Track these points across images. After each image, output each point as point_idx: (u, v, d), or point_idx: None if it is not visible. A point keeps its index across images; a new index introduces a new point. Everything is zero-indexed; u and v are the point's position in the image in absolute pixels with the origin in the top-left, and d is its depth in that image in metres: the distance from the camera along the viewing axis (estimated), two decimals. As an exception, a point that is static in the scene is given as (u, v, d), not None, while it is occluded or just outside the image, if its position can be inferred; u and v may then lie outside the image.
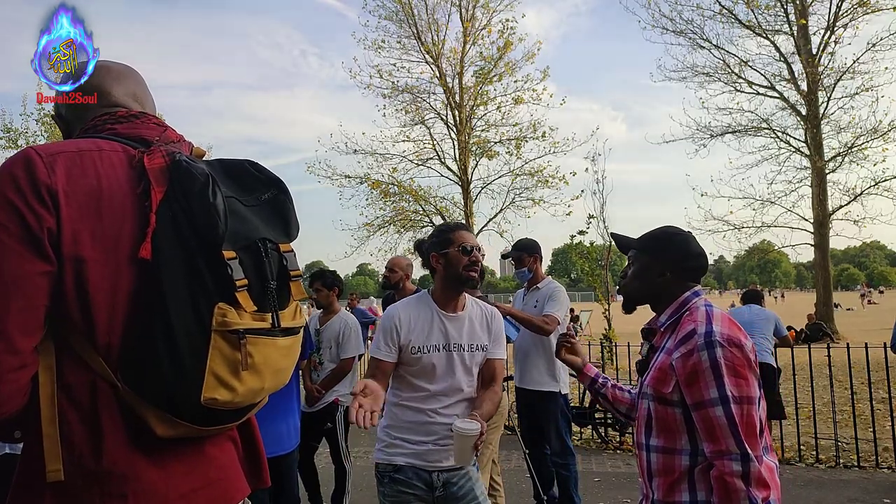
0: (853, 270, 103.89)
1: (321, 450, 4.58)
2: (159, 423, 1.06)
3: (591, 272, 12.37)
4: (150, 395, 1.05)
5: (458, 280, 2.30)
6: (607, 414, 6.63)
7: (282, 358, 1.19)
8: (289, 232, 1.24)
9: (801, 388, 6.39)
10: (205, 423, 1.12)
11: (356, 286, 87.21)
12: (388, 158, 18.99)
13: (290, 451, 3.46)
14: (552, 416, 4.20)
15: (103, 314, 1.04)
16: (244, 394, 1.12)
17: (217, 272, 1.08)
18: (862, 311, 32.47)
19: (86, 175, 1.05)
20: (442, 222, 2.84)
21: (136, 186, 1.09)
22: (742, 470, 1.55)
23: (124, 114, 1.21)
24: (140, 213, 1.08)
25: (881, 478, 5.14)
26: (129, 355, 1.05)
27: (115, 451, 1.05)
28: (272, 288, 1.16)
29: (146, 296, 1.05)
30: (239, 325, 1.08)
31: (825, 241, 18.49)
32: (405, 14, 18.91)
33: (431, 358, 2.26)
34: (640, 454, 1.81)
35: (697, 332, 1.67)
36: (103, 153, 1.10)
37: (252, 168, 1.22)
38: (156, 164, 1.10)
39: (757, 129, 19.55)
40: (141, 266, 1.06)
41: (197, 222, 1.08)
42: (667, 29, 19.39)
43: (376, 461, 2.36)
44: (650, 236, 1.91)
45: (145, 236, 1.05)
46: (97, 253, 1.03)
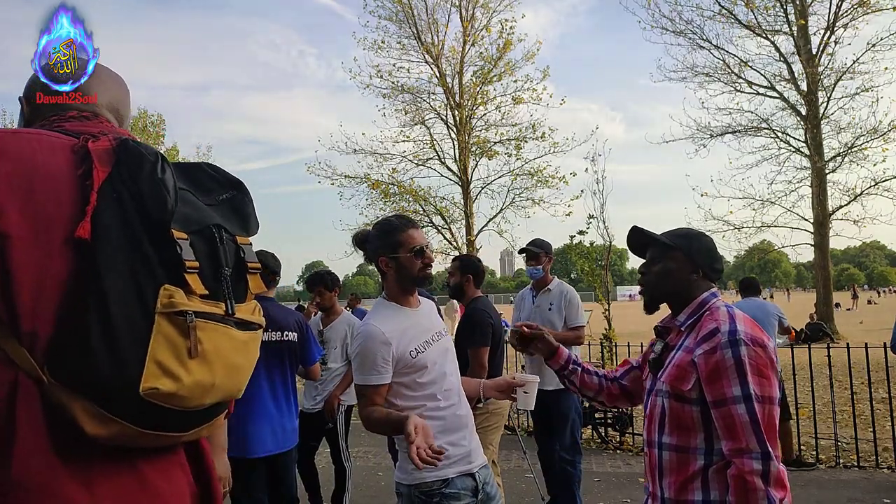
0: (853, 270, 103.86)
1: (321, 450, 4.58)
2: (88, 419, 0.95)
3: (591, 272, 12.38)
4: (82, 385, 0.95)
5: (414, 282, 2.26)
6: (607, 414, 6.63)
7: (236, 352, 1.09)
8: (247, 228, 1.20)
9: (801, 388, 6.39)
10: (143, 422, 0.99)
11: (356, 286, 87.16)
12: (388, 158, 18.99)
13: (289, 449, 3.46)
14: (567, 413, 4.27)
15: (27, 297, 0.95)
16: (190, 386, 1.00)
17: (165, 253, 1.02)
18: (855, 311, 32.54)
19: (18, 150, 1.00)
20: (384, 218, 2.74)
21: (77, 169, 1.03)
22: (763, 469, 1.54)
23: (75, 114, 1.19)
24: (81, 195, 1.01)
25: (881, 478, 5.14)
26: (59, 343, 0.96)
27: (30, 459, 0.93)
28: (226, 274, 1.10)
29: (82, 279, 0.97)
30: (187, 307, 1.00)
31: (825, 241, 18.48)
32: (405, 14, 18.90)
33: (428, 354, 2.22)
34: (651, 451, 1.80)
35: (721, 330, 1.66)
36: (42, 136, 1.06)
37: (209, 170, 1.20)
38: (101, 146, 1.05)
39: (757, 129, 19.54)
40: (78, 248, 0.98)
41: (145, 201, 1.02)
42: (666, 29, 19.39)
43: (417, 482, 2.10)
44: (680, 234, 1.88)
45: (84, 216, 0.98)
46: (24, 231, 0.96)
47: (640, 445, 6.34)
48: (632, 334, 8.03)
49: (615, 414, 6.62)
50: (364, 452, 6.23)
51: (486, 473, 2.26)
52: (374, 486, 5.29)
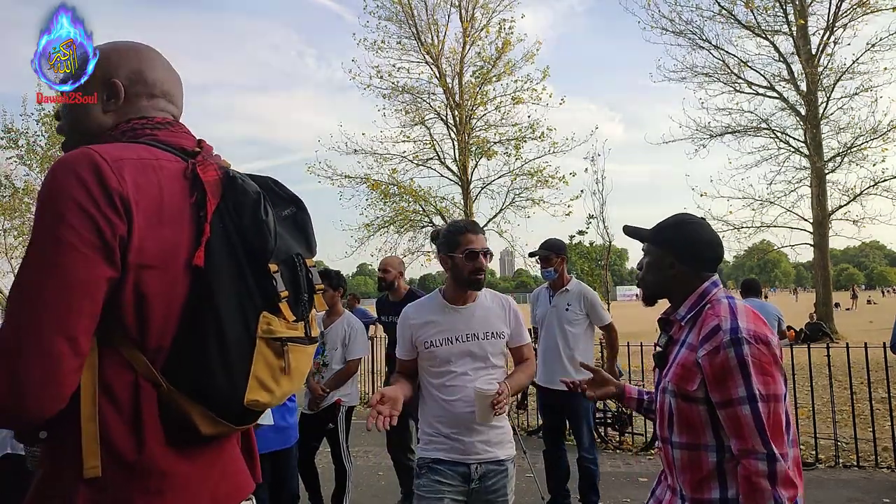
0: (853, 270, 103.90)
1: (321, 449, 4.59)
2: (204, 422, 1.11)
3: (590, 272, 12.37)
4: (200, 395, 1.09)
5: (464, 283, 2.41)
6: (607, 414, 6.63)
7: (307, 364, 1.27)
8: (311, 247, 1.31)
9: (801, 388, 6.39)
10: (241, 423, 1.18)
11: (356, 286, 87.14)
12: (388, 159, 18.95)
13: (290, 446, 3.48)
14: (584, 414, 4.31)
15: (158, 320, 1.07)
16: (280, 397, 1.19)
17: (262, 283, 1.15)
18: (854, 311, 32.55)
19: (150, 184, 1.08)
20: (455, 220, 2.88)
21: (189, 196, 1.12)
22: (768, 470, 1.53)
23: (161, 120, 1.23)
24: (195, 223, 1.11)
25: (881, 478, 5.14)
26: (180, 358, 1.09)
27: (155, 448, 1.08)
28: (305, 300, 1.25)
29: (199, 303, 1.09)
30: (281, 334, 1.16)
31: (824, 241, 18.48)
32: (405, 15, 18.88)
33: (443, 350, 2.36)
34: (665, 448, 1.79)
35: (723, 329, 1.63)
36: (161, 162, 1.13)
37: (275, 186, 1.28)
38: (210, 176, 1.15)
39: (756, 129, 19.55)
40: (194, 274, 1.09)
41: (247, 236, 1.13)
42: (666, 30, 19.42)
43: (420, 456, 2.41)
44: (660, 226, 1.86)
45: (199, 245, 1.09)
46: (159, 260, 1.06)
47: (639, 445, 6.35)
48: (631, 334, 8.03)
49: (615, 413, 6.62)
50: (364, 452, 6.23)
51: (490, 470, 2.35)
52: (375, 486, 5.29)
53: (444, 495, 2.30)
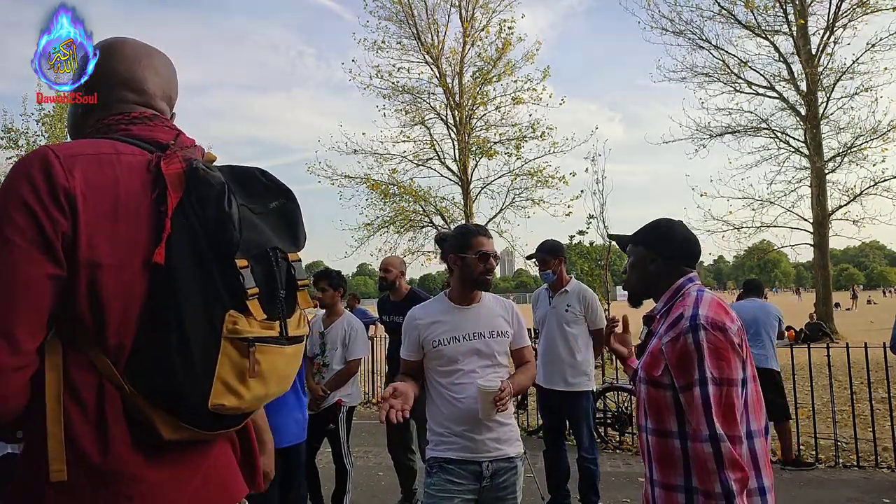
0: (853, 270, 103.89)
1: (322, 449, 4.59)
2: (166, 427, 1.07)
3: (590, 272, 12.39)
4: (161, 399, 1.05)
5: (474, 283, 2.47)
6: (606, 413, 6.63)
7: (286, 365, 1.19)
8: (297, 241, 1.24)
9: (801, 388, 6.39)
10: (209, 427, 1.12)
11: (356, 286, 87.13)
12: (387, 159, 18.94)
13: (299, 442, 3.48)
14: (584, 414, 4.32)
15: (115, 318, 1.04)
16: (250, 400, 1.12)
17: (229, 280, 1.08)
18: (854, 311, 32.56)
19: (104, 178, 1.04)
20: (465, 223, 2.91)
21: (151, 191, 1.08)
22: (713, 451, 1.58)
23: (138, 115, 1.20)
24: (155, 219, 1.07)
25: (881, 478, 5.15)
26: (140, 359, 1.05)
27: (121, 451, 1.04)
28: (281, 297, 1.17)
29: (160, 301, 1.05)
30: (249, 333, 1.09)
31: (824, 241, 18.48)
32: (405, 15, 18.88)
33: (450, 348, 2.40)
34: (640, 435, 1.87)
35: (684, 316, 1.72)
36: (121, 156, 1.09)
37: (261, 176, 1.21)
38: (172, 169, 1.10)
39: (756, 129, 19.54)
40: (154, 271, 1.05)
41: (211, 230, 1.08)
42: (666, 30, 19.41)
43: (431, 455, 2.42)
44: (644, 228, 2.01)
45: (160, 241, 1.04)
46: (113, 258, 1.03)
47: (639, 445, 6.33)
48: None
49: (614, 413, 6.62)
50: (364, 452, 6.23)
51: (501, 468, 2.39)
52: (375, 486, 5.29)
53: (455, 495, 2.33)
